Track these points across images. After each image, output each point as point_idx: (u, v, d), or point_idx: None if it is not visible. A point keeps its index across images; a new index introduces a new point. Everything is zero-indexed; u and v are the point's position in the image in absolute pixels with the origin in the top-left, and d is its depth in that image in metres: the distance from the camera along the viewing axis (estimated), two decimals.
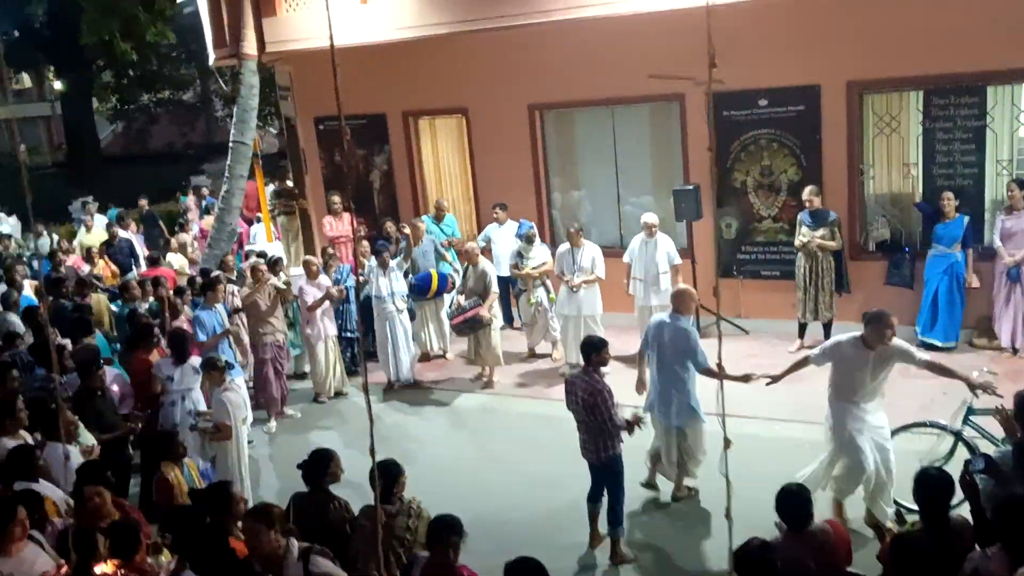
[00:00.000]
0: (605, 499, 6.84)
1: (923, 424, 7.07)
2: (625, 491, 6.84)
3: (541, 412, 9.56)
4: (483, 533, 5.04)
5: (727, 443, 2.44)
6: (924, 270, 9.99)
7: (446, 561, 4.69)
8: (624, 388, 7.42)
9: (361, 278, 10.91)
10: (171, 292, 10.15)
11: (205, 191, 19.78)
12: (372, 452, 2.63)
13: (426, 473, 7.46)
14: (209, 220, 15.64)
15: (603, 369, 6.75)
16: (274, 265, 10.80)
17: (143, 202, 19.34)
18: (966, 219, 9.68)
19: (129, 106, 32.66)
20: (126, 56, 23.80)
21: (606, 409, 6.53)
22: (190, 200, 19.53)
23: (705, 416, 7.34)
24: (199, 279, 10.53)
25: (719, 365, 3.29)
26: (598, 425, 6.59)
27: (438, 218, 12.25)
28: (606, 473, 6.78)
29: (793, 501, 4.75)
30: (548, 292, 10.77)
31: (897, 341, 6.52)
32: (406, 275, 10.76)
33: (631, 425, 6.68)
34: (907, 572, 4.48)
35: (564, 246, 10.60)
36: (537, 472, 8.21)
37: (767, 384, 7.00)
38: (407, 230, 10.80)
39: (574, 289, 10.26)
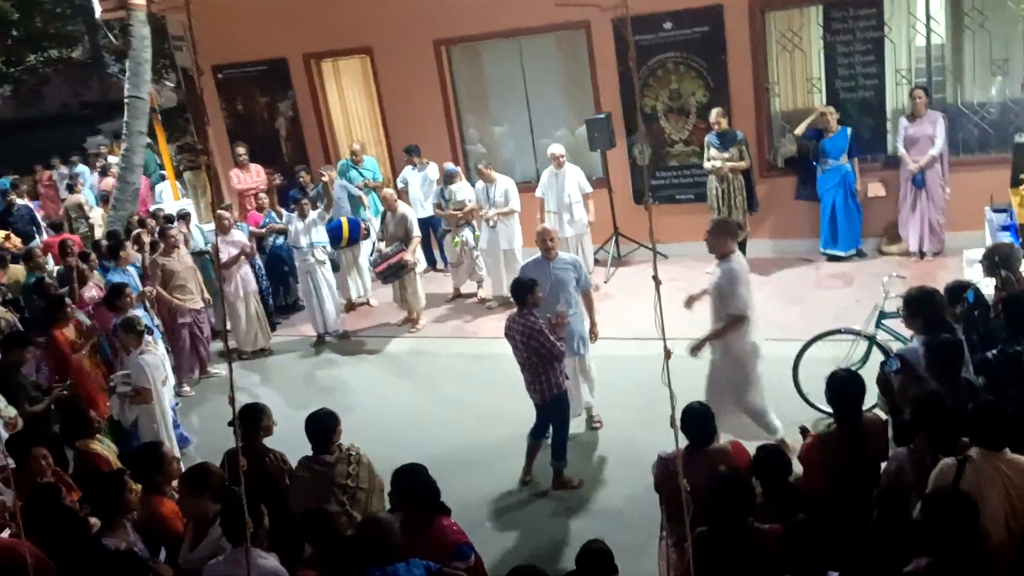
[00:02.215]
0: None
1: (838, 331, 7.30)
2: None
3: (471, 351, 9.61)
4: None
5: (667, 353, 2.48)
6: (818, 187, 10.24)
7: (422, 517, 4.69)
8: None
9: (272, 225, 10.77)
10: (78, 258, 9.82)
11: (103, 149, 19.06)
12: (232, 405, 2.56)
13: (363, 421, 7.46)
14: (109, 181, 15.09)
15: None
16: (182, 219, 10.52)
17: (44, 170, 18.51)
18: (848, 130, 9.94)
19: (16, 68, 31.01)
20: (7, 15, 22.55)
21: (547, 342, 6.60)
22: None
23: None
24: (104, 242, 10.21)
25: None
26: (542, 364, 6.68)
27: (356, 162, 12.03)
28: (552, 410, 6.88)
29: (695, 419, 4.89)
30: (474, 231, 10.74)
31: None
32: None
33: (554, 327, 6.74)
34: (825, 469, 4.68)
35: (478, 184, 10.56)
36: (473, 409, 8.29)
37: (686, 306, 7.01)
38: (325, 177, 10.61)
39: (491, 224, 10.26)
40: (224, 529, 4.48)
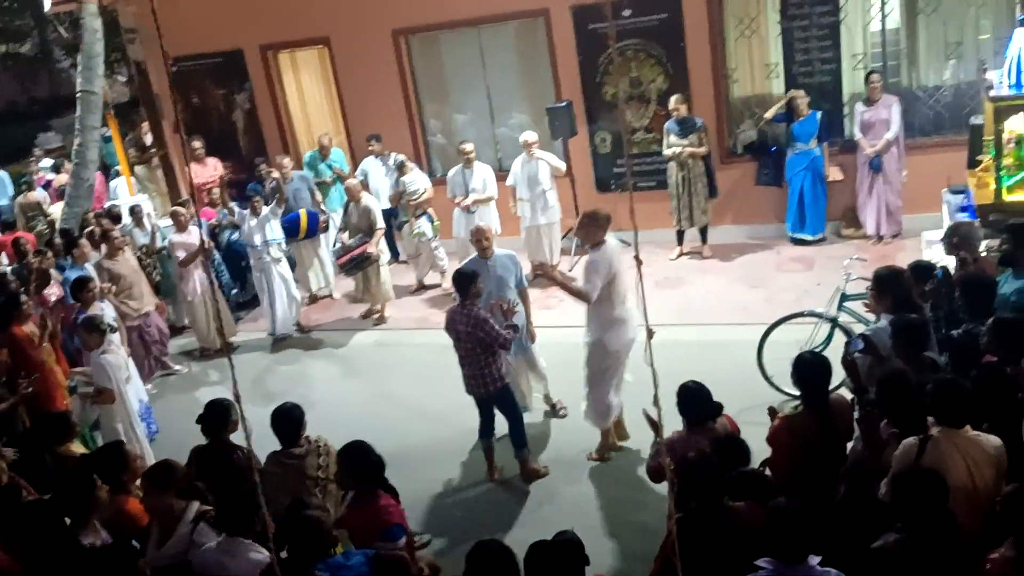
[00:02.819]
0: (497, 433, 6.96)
1: (801, 314, 7.39)
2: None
3: (436, 342, 9.44)
4: (392, 469, 5.04)
5: (650, 333, 2.49)
6: (787, 170, 10.33)
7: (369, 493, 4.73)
8: None
9: (226, 220, 10.62)
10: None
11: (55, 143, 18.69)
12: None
13: (327, 415, 7.39)
14: (63, 178, 14.79)
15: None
16: (133, 214, 10.36)
17: None
18: (819, 114, 10.03)
19: None
20: None
21: (492, 331, 6.54)
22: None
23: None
24: (59, 239, 10.03)
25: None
26: (485, 356, 6.61)
27: (324, 154, 11.89)
28: (499, 402, 6.85)
29: (690, 398, 4.92)
30: (432, 221, 10.66)
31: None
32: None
33: (506, 313, 6.68)
34: (793, 450, 4.73)
35: (456, 168, 10.46)
36: (439, 401, 8.24)
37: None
38: (276, 173, 10.47)
39: (471, 210, 10.16)
40: (219, 520, 4.50)
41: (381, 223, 10.21)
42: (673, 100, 10.27)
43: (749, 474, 4.52)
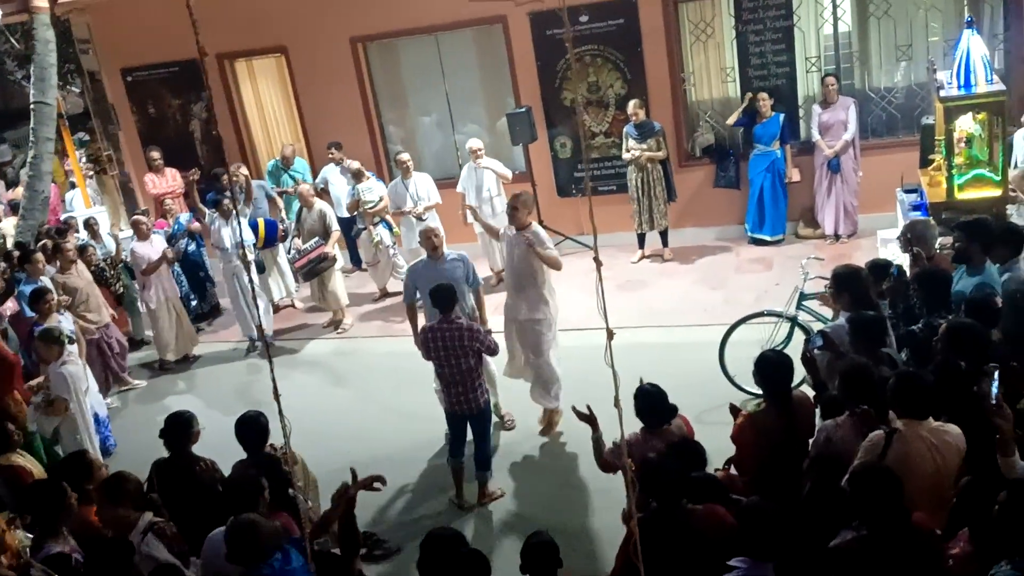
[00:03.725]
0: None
1: (760, 314, 7.48)
2: None
3: (398, 349, 9.43)
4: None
5: (610, 334, 2.51)
6: (748, 171, 10.45)
7: None
8: None
9: (191, 225, 10.57)
10: None
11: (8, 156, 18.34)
12: None
13: (291, 424, 7.31)
14: (17, 191, 14.54)
15: None
16: (88, 227, 10.24)
17: None
18: (782, 116, 10.17)
19: None
20: None
21: (485, 339, 6.41)
22: None
23: None
24: (15, 252, 9.85)
25: None
26: (477, 368, 6.45)
27: (286, 164, 11.79)
28: (480, 420, 6.63)
29: (648, 401, 4.94)
30: (391, 228, 10.63)
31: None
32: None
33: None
34: (758, 448, 4.78)
35: (395, 180, 10.47)
36: (403, 407, 8.24)
37: None
38: (244, 170, 10.41)
39: (422, 218, 10.13)
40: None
41: (336, 226, 10.16)
42: (631, 105, 10.35)
43: (706, 478, 4.56)
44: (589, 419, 5.05)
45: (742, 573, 3.80)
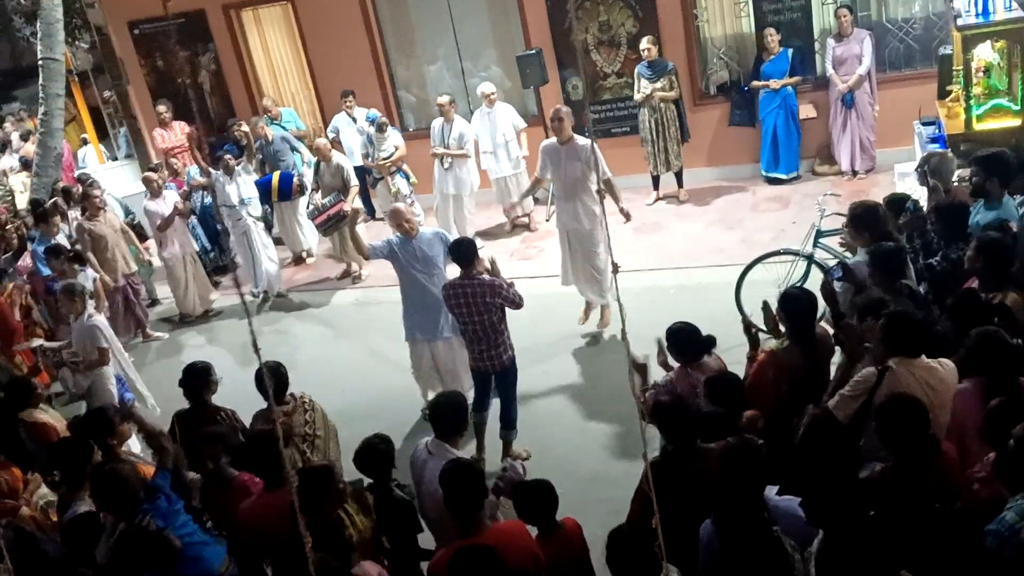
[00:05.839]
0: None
1: (777, 253, 7.43)
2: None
3: None
4: (375, 424, 5.08)
5: (615, 267, 2.55)
6: (759, 110, 10.30)
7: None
8: None
9: (195, 181, 10.57)
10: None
11: (23, 114, 18.36)
12: None
13: (308, 375, 7.38)
14: (29, 148, 14.56)
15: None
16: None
17: None
18: (790, 51, 9.99)
19: None
20: None
21: (510, 293, 6.10)
22: (8, 127, 18.10)
23: None
24: (29, 209, 9.93)
25: None
26: (501, 324, 6.19)
27: (274, 118, 11.69)
28: (507, 377, 6.38)
29: (682, 336, 5.00)
30: (408, 177, 10.58)
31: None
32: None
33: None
34: (780, 383, 4.78)
35: (438, 120, 10.39)
36: None
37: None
38: (245, 127, 10.35)
39: (445, 166, 10.08)
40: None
41: (355, 180, 10.11)
42: (644, 42, 10.19)
43: (719, 415, 4.53)
44: (641, 369, 5.10)
45: (775, 503, 3.83)
